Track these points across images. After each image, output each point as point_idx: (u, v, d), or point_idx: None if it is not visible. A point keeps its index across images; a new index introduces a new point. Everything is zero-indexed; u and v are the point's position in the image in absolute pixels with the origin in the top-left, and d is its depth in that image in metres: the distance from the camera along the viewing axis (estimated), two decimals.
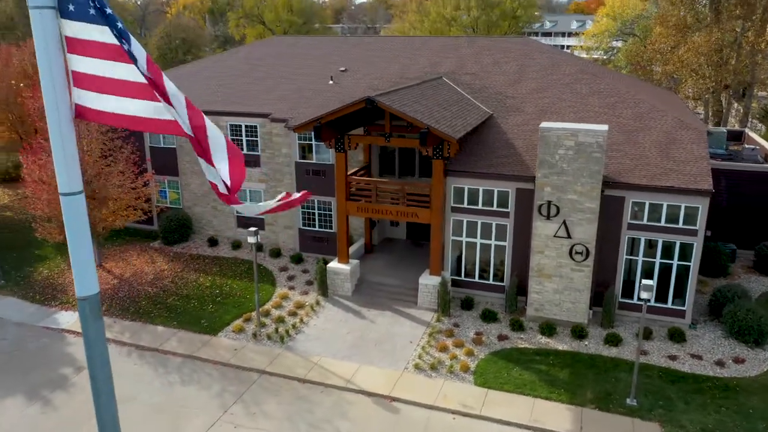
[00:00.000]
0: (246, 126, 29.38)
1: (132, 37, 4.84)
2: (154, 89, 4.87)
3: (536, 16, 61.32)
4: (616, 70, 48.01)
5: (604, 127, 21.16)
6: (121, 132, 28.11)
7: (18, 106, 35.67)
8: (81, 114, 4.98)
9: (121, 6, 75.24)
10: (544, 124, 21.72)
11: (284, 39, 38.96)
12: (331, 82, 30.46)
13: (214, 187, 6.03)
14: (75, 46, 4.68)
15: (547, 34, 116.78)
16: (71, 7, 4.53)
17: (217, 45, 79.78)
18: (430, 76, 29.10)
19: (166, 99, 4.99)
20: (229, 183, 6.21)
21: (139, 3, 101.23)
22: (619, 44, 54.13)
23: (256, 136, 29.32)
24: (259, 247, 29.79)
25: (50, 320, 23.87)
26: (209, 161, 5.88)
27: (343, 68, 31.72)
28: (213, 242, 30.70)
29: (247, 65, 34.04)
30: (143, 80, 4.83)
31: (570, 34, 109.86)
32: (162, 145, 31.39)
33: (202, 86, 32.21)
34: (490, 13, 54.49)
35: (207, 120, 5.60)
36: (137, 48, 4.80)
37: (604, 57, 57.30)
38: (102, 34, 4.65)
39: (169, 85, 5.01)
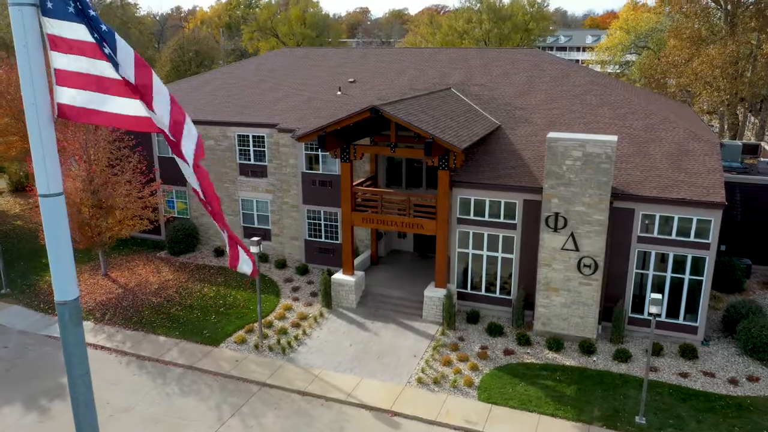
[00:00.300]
0: (253, 136, 29.31)
1: (117, 36, 4.84)
2: (129, 87, 4.85)
3: (549, 29, 60.92)
4: (630, 83, 47.54)
5: (613, 138, 20.75)
6: (128, 141, 28.20)
7: None
8: (63, 113, 4.92)
9: (138, 21, 76.15)
10: (551, 135, 21.35)
11: (294, 50, 39.03)
12: (339, 93, 30.35)
13: (197, 193, 5.93)
14: (57, 43, 4.65)
15: (562, 49, 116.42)
16: (49, 5, 4.51)
17: (231, 58, 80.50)
18: (438, 87, 28.89)
19: (146, 97, 4.97)
20: (201, 194, 6.06)
21: (157, 18, 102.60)
22: (633, 57, 53.65)
23: (264, 147, 29.24)
24: (264, 258, 29.61)
25: (53, 329, 23.77)
26: (182, 156, 5.74)
27: (351, 79, 31.63)
28: (219, 253, 30.55)
29: (256, 76, 34.07)
30: (119, 77, 4.80)
31: (584, 49, 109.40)
32: (170, 155, 31.37)
33: (210, 97, 32.27)
34: (501, 26, 54.24)
35: (186, 119, 5.48)
36: (123, 46, 4.80)
37: (618, 71, 56.84)
38: (81, 31, 4.64)
39: (156, 82, 5.02)
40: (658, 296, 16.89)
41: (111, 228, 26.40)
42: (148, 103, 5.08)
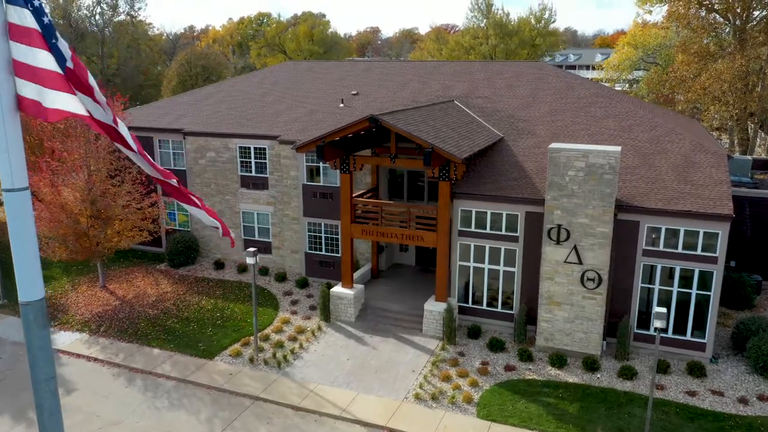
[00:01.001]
0: (255, 148, 29.11)
1: (56, 32, 4.69)
2: (71, 81, 4.70)
3: (557, 45, 60.60)
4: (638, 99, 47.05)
5: (617, 148, 20.28)
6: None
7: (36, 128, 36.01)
8: (23, 107, 4.67)
9: (151, 39, 76.83)
10: (553, 145, 20.92)
11: (299, 64, 39.01)
12: (341, 105, 30.14)
13: (158, 181, 5.88)
14: (14, 32, 4.43)
15: (572, 67, 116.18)
16: None
17: (239, 74, 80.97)
18: (440, 100, 28.59)
19: (88, 91, 4.81)
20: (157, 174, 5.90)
21: (170, 37, 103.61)
22: (641, 74, 53.21)
23: (265, 159, 29.01)
24: (264, 271, 29.24)
25: None
26: (129, 148, 5.60)
27: (354, 92, 31.44)
28: (219, 265, 30.22)
29: (260, 89, 33.98)
30: (61, 71, 4.64)
31: (594, 67, 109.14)
32: (172, 167, 31.23)
33: (212, 109, 32.18)
34: (508, 41, 54.04)
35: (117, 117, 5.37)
36: (63, 42, 4.67)
37: (626, 88, 56.40)
38: (28, 18, 4.43)
39: (91, 80, 4.85)
40: (663, 310, 16.27)
41: (110, 239, 26.15)
42: (92, 98, 4.89)
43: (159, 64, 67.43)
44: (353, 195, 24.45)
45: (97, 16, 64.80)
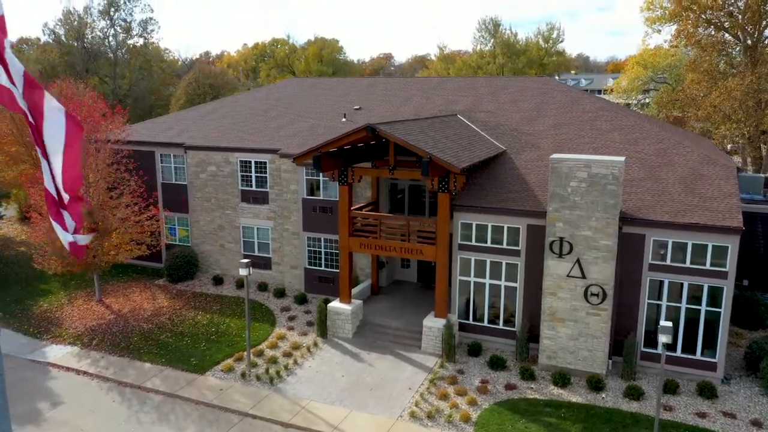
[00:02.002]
0: (255, 162, 28.81)
1: None
2: None
3: (566, 65, 60.28)
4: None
5: (620, 158, 19.65)
6: (126, 164, 27.89)
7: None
8: None
9: (163, 61, 77.60)
10: (554, 155, 20.33)
11: (303, 80, 38.93)
12: (344, 119, 29.83)
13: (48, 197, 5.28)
14: None
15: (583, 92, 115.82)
16: None
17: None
18: (443, 114, 28.19)
19: (5, 67, 4.56)
20: (60, 184, 5.28)
21: (186, 62, 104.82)
22: (651, 95, 52.62)
23: (266, 173, 28.68)
24: (264, 287, 28.71)
25: (38, 353, 22.95)
26: (44, 153, 5.12)
27: (357, 107, 31.15)
28: (218, 281, 29.73)
29: (263, 105, 33.83)
30: None
31: (605, 92, 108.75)
32: (173, 182, 31.00)
33: (215, 124, 32.03)
34: (516, 60, 53.86)
35: (48, 101, 4.88)
36: None
37: (637, 110, 55.77)
38: None
39: (10, 57, 4.62)
40: (668, 324, 15.48)
41: (107, 252, 25.81)
42: (8, 75, 4.53)
43: (171, 85, 67.96)
44: (352, 208, 23.95)
45: (111, 38, 65.58)
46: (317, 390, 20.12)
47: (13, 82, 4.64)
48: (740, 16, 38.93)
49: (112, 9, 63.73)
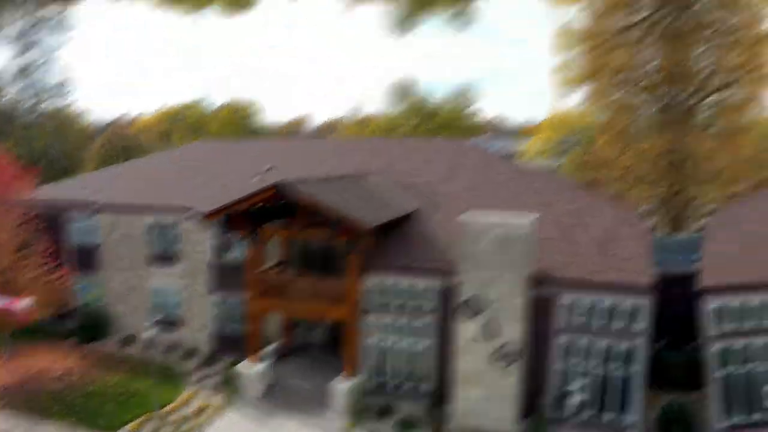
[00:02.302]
0: (166, 222, 27.87)
1: None
2: None
3: (478, 127, 61.99)
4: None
5: (530, 219, 19.96)
6: (37, 224, 26.87)
7: None
8: None
9: (78, 125, 75.95)
10: (465, 216, 20.46)
11: (217, 143, 38.53)
12: (255, 179, 29.30)
13: None
14: None
15: None
16: None
17: None
18: (356, 174, 28.17)
19: None
20: None
21: (101, 126, 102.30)
22: (566, 156, 54.80)
23: (175, 233, 27.74)
24: (174, 347, 27.36)
25: None
26: None
27: (268, 166, 30.73)
28: (129, 341, 28.23)
29: (176, 166, 33.07)
30: None
31: (520, 155, 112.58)
32: (85, 242, 29.62)
33: (125, 184, 31.04)
34: (428, 122, 55.37)
35: None
36: None
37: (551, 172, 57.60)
38: None
39: None
40: (576, 386, 15.38)
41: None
42: None
43: (85, 148, 66.72)
44: (263, 268, 23.23)
45: (24, 102, 64.20)
46: None
47: None
48: (656, 75, 40.82)
49: (25, 73, 62.52)
